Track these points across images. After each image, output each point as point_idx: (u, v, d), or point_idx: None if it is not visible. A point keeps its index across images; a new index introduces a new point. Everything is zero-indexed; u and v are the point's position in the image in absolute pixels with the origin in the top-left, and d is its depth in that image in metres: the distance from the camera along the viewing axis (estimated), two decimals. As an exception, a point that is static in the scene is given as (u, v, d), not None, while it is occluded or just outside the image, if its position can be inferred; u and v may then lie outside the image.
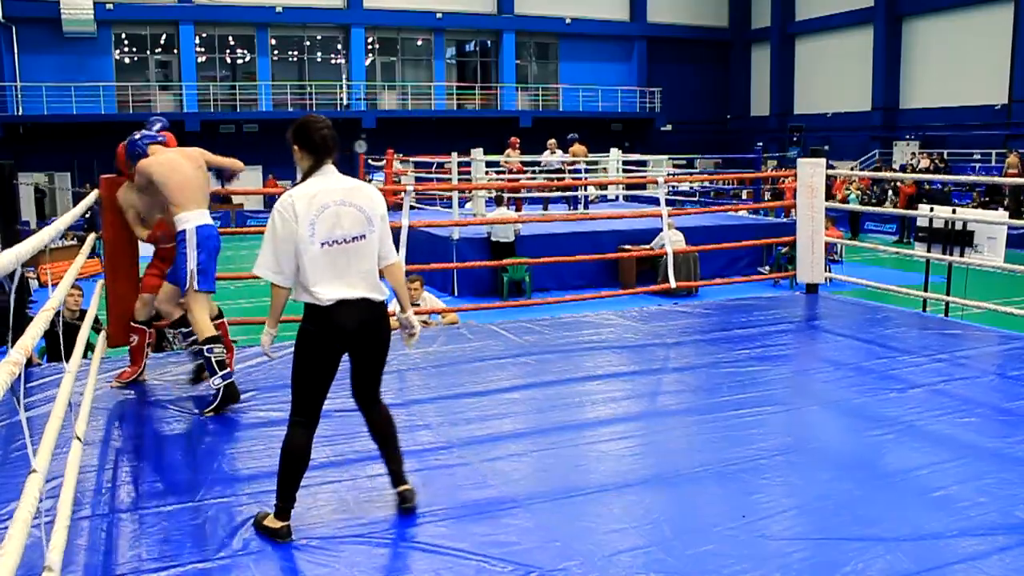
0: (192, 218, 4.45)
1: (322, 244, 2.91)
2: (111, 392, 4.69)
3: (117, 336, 5.09)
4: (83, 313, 7.01)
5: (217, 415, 4.28)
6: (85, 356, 5.25)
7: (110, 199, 4.97)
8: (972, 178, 19.60)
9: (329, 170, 3.04)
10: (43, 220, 22.07)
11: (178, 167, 4.50)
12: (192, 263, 4.41)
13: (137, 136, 4.63)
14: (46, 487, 2.35)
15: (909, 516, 3.10)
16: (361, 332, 2.99)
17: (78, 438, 3.35)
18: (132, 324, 4.81)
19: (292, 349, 3.04)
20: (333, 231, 2.93)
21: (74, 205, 11.65)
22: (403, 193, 7.52)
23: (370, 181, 20.38)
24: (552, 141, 18.02)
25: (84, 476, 3.31)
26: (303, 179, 3.03)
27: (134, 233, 4.94)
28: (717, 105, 35.41)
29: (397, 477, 3.17)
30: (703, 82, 34.88)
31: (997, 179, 15.42)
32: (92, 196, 5.27)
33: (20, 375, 1.98)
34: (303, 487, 3.10)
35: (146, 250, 5.04)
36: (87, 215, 14.64)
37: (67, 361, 3.63)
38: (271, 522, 2.98)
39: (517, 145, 17.45)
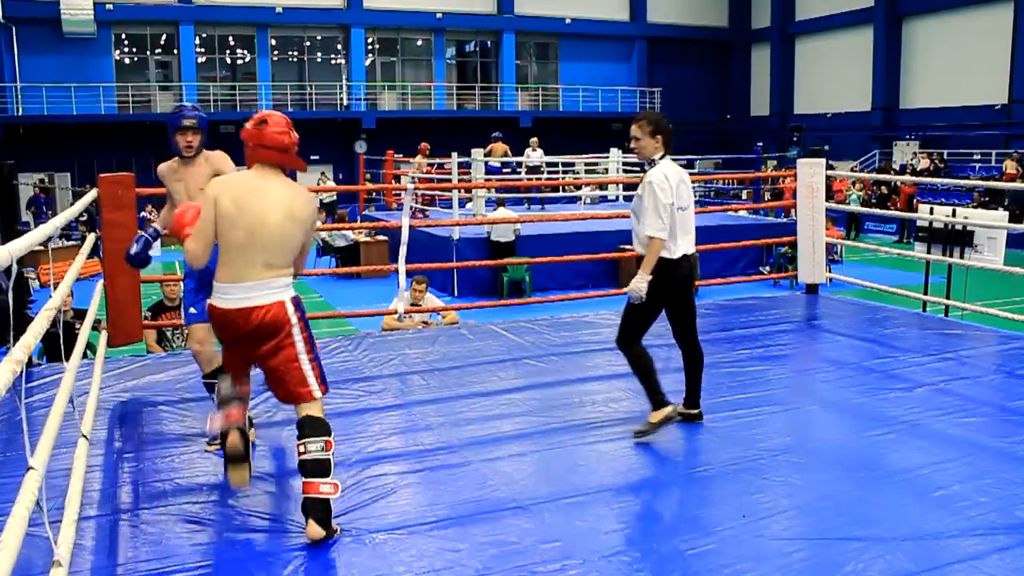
0: None
1: (678, 210, 3.88)
2: (114, 392, 4.69)
3: (116, 337, 5.09)
4: (77, 312, 7.01)
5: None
6: (85, 356, 5.25)
7: (109, 198, 4.96)
8: (972, 181, 19.62)
9: (668, 158, 3.98)
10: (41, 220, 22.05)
11: None
12: None
13: None
14: (52, 484, 2.36)
15: (909, 516, 3.10)
16: (689, 281, 3.99)
17: (84, 436, 3.35)
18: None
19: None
20: (680, 200, 3.90)
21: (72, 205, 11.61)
22: (404, 192, 7.51)
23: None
24: (534, 140, 18.45)
25: (87, 475, 3.31)
26: (659, 161, 3.93)
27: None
28: (717, 105, 35.40)
29: (695, 399, 4.18)
30: (703, 82, 34.87)
31: (996, 183, 15.40)
32: (90, 195, 5.25)
33: (22, 374, 1.98)
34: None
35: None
36: (82, 217, 14.59)
37: (65, 360, 3.63)
38: (657, 416, 3.90)
39: (427, 151, 18.26)
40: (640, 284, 3.84)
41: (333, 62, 30.47)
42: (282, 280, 2.98)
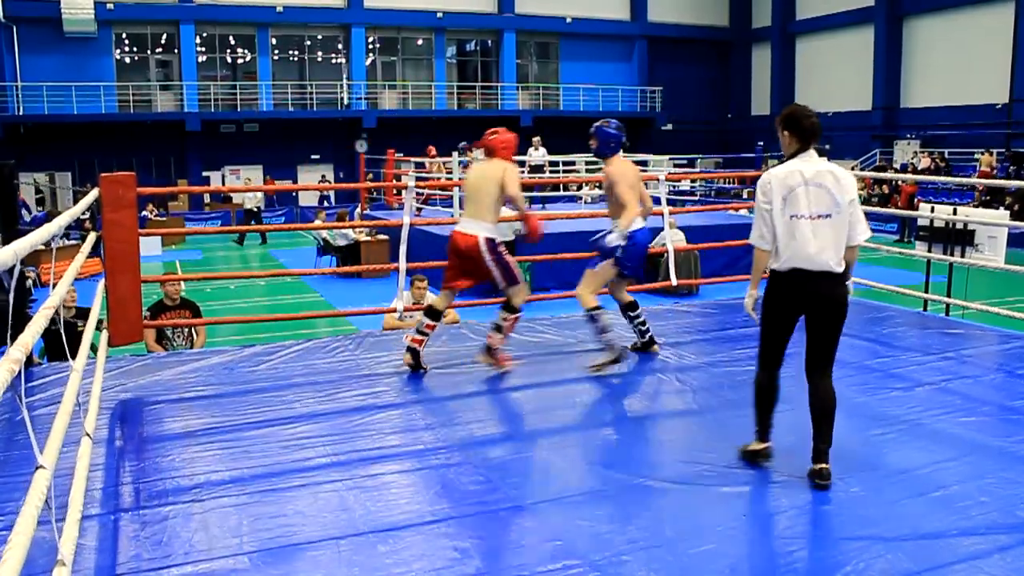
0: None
1: (790, 217, 3.34)
2: (115, 391, 4.69)
3: (117, 337, 5.08)
4: (79, 311, 7.01)
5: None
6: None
7: (110, 198, 4.96)
8: (971, 179, 19.62)
9: (810, 155, 3.41)
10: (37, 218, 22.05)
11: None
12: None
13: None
14: (54, 483, 2.35)
15: (910, 516, 3.10)
16: (813, 300, 3.47)
17: (88, 435, 3.35)
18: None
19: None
20: (797, 207, 3.33)
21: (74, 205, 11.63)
22: (404, 191, 7.51)
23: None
24: (536, 139, 18.64)
25: (88, 474, 3.31)
26: (787, 160, 3.43)
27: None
28: (718, 104, 35.40)
29: (818, 455, 3.42)
30: (704, 81, 34.88)
31: (997, 181, 15.40)
32: (92, 195, 5.25)
33: (20, 373, 1.98)
34: (303, 487, 3.20)
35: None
36: (85, 215, 14.61)
37: (68, 359, 3.63)
38: (754, 446, 3.59)
39: (434, 153, 19.12)
40: (748, 301, 3.78)
41: (334, 61, 30.48)
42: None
